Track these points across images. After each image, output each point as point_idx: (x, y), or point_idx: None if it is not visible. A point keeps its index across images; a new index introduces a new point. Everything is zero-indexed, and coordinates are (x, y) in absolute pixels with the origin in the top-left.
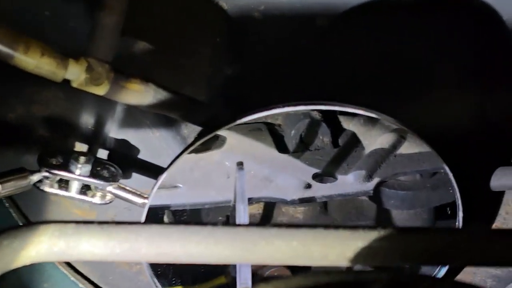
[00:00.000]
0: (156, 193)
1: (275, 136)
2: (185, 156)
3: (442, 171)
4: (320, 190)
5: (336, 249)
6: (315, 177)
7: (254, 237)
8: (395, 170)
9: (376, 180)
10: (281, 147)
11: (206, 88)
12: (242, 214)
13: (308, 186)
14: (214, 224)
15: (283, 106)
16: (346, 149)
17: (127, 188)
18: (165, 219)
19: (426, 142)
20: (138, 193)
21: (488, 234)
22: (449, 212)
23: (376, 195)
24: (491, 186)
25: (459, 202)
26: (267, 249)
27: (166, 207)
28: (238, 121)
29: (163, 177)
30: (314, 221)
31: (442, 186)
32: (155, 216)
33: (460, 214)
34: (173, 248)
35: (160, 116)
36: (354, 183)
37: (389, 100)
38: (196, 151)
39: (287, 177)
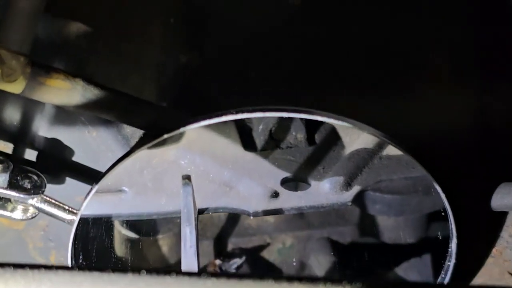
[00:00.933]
0: (96, 199)
1: (242, 130)
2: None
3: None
4: (289, 200)
5: None
6: (285, 182)
7: None
8: (379, 176)
9: (355, 189)
10: (248, 144)
11: (156, 79)
12: (188, 238)
13: (275, 195)
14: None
15: (236, 113)
16: (323, 148)
17: (53, 201)
18: (119, 228)
19: (414, 158)
20: (66, 207)
21: None
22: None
23: (358, 199)
24: (492, 205)
25: (453, 227)
26: None
27: (106, 218)
28: (182, 129)
29: (95, 188)
30: (286, 226)
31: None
32: (102, 226)
33: (454, 243)
34: None
35: None
36: (330, 192)
37: (372, 94)
38: (150, 146)
39: (251, 184)
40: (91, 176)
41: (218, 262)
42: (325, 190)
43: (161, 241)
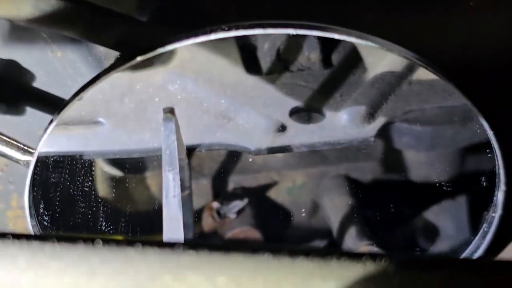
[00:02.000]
0: (65, 134)
1: (245, 49)
2: (117, 75)
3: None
4: (299, 135)
5: None
6: (294, 113)
7: (154, 268)
8: (408, 105)
9: (379, 121)
10: (251, 66)
11: None
12: (171, 186)
13: (282, 128)
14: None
15: (229, 29)
16: (341, 71)
17: (4, 137)
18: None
19: (454, 85)
20: (21, 146)
21: None
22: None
23: (383, 131)
24: None
25: (501, 171)
26: None
27: (77, 156)
28: (159, 50)
29: (56, 121)
30: (297, 161)
31: (475, 120)
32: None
33: (502, 191)
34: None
35: None
36: (348, 125)
37: (401, 7)
38: (133, 68)
39: (253, 114)
40: (56, 106)
41: (215, 205)
42: (342, 123)
43: (149, 179)
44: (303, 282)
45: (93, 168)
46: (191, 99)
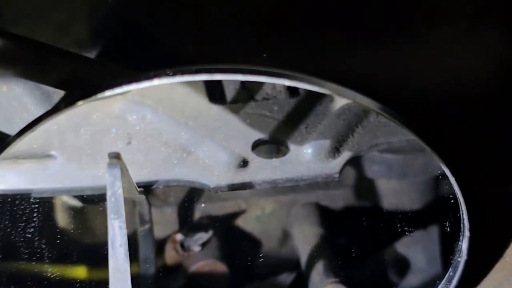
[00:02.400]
0: (13, 169)
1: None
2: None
3: None
4: (261, 170)
5: None
6: (257, 146)
7: None
8: (375, 139)
9: (345, 155)
10: (214, 95)
11: (86, 16)
12: (118, 236)
13: (244, 164)
14: None
15: (174, 74)
16: (307, 100)
17: None
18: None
19: (419, 137)
20: None
21: None
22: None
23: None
24: None
25: (465, 217)
26: None
27: (24, 195)
28: (99, 95)
29: None
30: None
31: None
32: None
33: (466, 237)
34: None
35: None
36: (312, 160)
37: (365, 41)
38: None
39: (214, 148)
40: (2, 142)
41: (179, 237)
42: (306, 158)
43: None
44: None
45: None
46: (149, 130)
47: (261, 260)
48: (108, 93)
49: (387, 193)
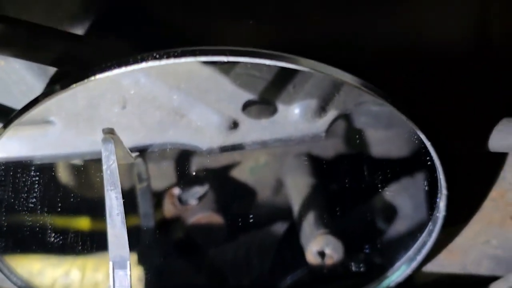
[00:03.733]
0: (12, 137)
1: None
2: None
3: None
4: (251, 132)
5: None
6: (247, 106)
7: None
8: (360, 97)
9: (331, 114)
10: None
11: None
12: (115, 205)
13: (234, 125)
14: None
15: (160, 57)
16: None
17: None
18: None
19: (394, 106)
20: None
21: None
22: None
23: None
24: (490, 146)
25: (441, 177)
26: None
27: (26, 162)
28: (91, 78)
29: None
30: None
31: None
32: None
33: (444, 195)
34: None
35: None
36: (300, 120)
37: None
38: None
39: (205, 110)
40: (2, 114)
41: (176, 191)
42: (294, 118)
43: None
44: None
45: None
46: (144, 94)
47: (257, 210)
48: (99, 76)
49: (375, 142)
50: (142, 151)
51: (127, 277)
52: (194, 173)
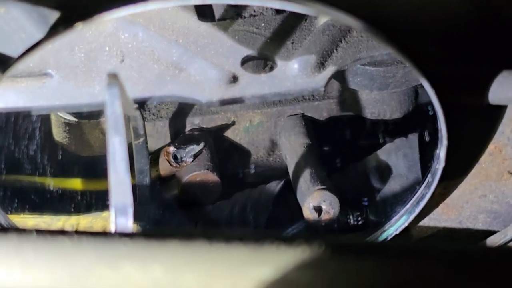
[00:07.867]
0: (10, 88)
1: None
2: None
3: None
4: (250, 86)
5: (228, 281)
6: (246, 61)
7: (89, 259)
8: (358, 53)
9: (329, 70)
10: (203, 12)
11: None
12: (118, 151)
13: (234, 79)
14: None
15: None
16: (293, 16)
17: None
18: None
19: (399, 52)
20: None
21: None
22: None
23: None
24: (490, 98)
25: (443, 127)
26: (108, 279)
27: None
28: (96, 18)
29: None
30: None
31: None
32: None
33: (444, 146)
34: None
35: None
36: (299, 75)
37: None
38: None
39: (204, 64)
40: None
41: (172, 149)
42: (293, 73)
43: (104, 124)
44: (239, 268)
45: None
46: (142, 48)
47: (251, 169)
48: (106, 16)
49: (369, 103)
50: (141, 104)
51: (128, 224)
52: (189, 132)
